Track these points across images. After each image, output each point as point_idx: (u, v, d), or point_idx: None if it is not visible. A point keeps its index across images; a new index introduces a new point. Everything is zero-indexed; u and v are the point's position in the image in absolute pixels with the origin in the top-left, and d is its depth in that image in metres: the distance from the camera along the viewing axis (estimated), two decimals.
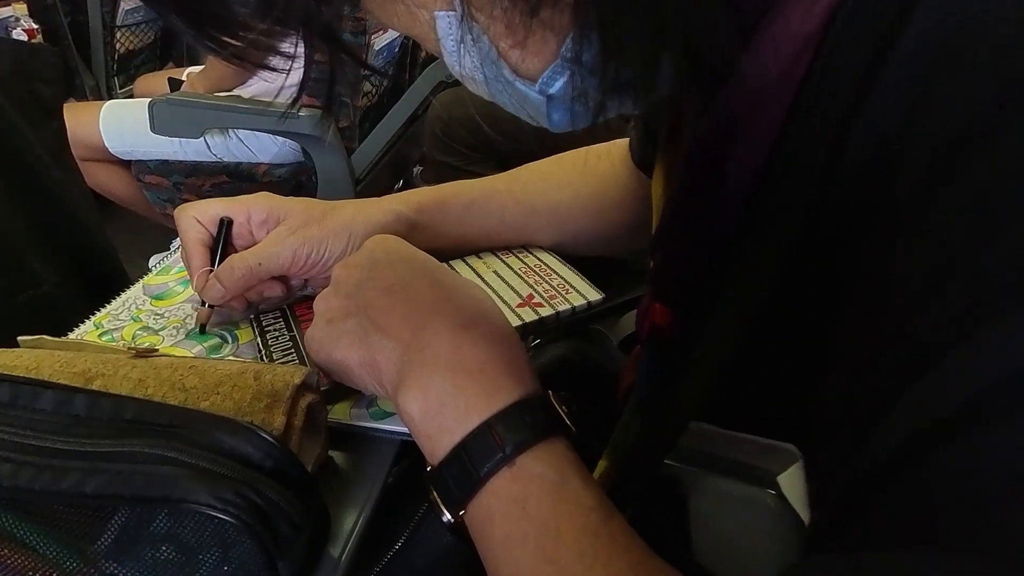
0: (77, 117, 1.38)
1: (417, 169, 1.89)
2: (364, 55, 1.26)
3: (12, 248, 0.54)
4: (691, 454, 0.31)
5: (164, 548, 0.28)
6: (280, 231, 0.45)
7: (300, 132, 1.28)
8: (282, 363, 0.42)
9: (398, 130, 1.41)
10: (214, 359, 0.43)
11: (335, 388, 0.40)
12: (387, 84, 1.51)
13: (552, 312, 0.45)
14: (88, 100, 1.71)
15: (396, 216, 0.48)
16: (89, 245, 0.61)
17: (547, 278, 0.48)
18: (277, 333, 0.45)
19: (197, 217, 0.47)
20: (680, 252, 0.32)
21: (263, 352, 0.43)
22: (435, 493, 0.31)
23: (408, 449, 0.39)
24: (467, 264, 0.51)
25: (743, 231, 0.27)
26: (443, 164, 1.35)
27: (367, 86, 1.37)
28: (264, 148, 1.37)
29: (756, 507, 0.28)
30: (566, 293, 0.46)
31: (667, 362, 0.33)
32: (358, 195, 1.37)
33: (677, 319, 0.32)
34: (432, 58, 1.64)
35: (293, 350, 0.43)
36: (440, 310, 0.34)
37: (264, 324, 0.46)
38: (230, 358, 0.44)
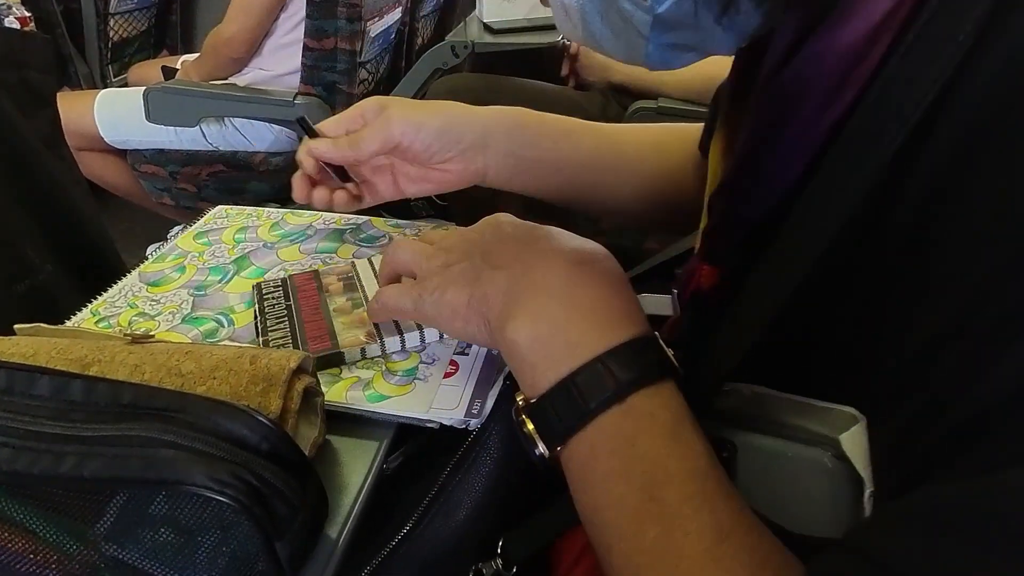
0: (72, 106, 1.37)
1: None
2: (360, 42, 1.25)
3: (7, 238, 0.53)
4: (742, 416, 0.31)
5: (163, 530, 0.29)
6: (384, 114, 0.50)
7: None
8: (274, 331, 0.44)
9: None
10: (209, 344, 0.44)
11: (327, 355, 0.42)
12: (384, 71, 1.50)
13: None
14: (82, 89, 1.69)
15: (498, 110, 0.51)
16: (85, 235, 0.61)
17: None
18: (275, 302, 0.47)
19: (322, 127, 0.52)
20: (740, 204, 0.31)
21: (258, 319, 0.45)
22: (531, 425, 0.31)
23: (406, 434, 0.40)
24: None
25: (807, 183, 0.27)
26: None
27: (363, 73, 1.36)
28: (260, 136, 1.36)
29: (811, 468, 0.28)
30: None
31: (709, 325, 0.33)
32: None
33: (723, 281, 0.32)
34: (429, 44, 1.63)
35: (286, 318, 0.45)
36: (555, 249, 0.34)
37: (264, 292, 0.48)
38: (226, 343, 0.44)
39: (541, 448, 0.30)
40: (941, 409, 0.22)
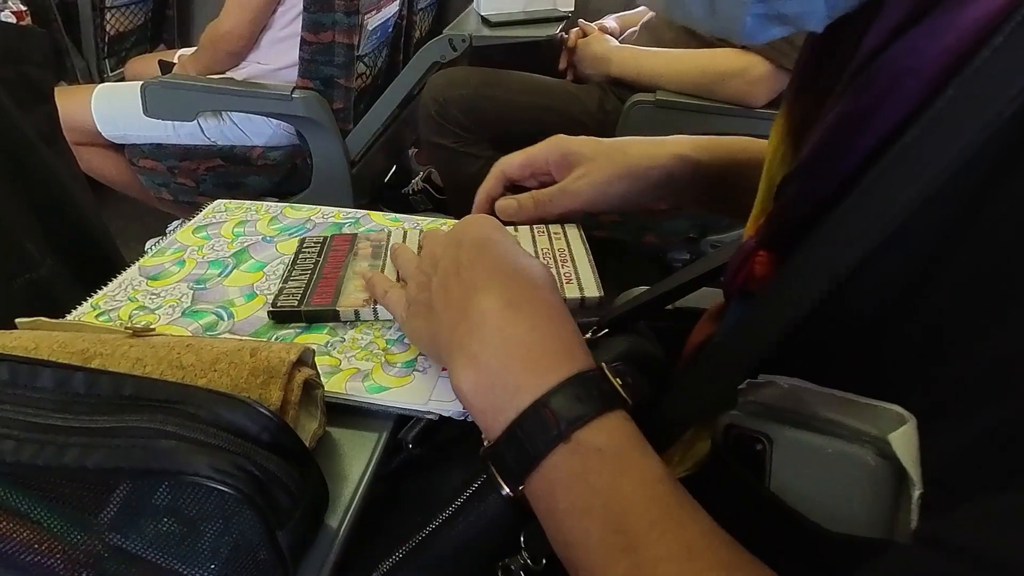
0: (69, 101, 1.36)
1: (412, 151, 1.88)
2: (358, 36, 1.24)
3: (7, 232, 0.54)
4: (777, 409, 0.30)
5: (166, 520, 0.29)
6: (572, 177, 0.51)
7: (294, 114, 1.27)
8: (293, 280, 0.48)
9: (393, 112, 1.40)
10: (210, 337, 0.44)
11: (322, 311, 0.45)
12: (381, 65, 1.50)
13: None
14: (79, 83, 1.69)
15: (680, 159, 0.50)
16: (84, 228, 0.61)
17: (559, 264, 0.48)
18: (308, 256, 0.51)
19: (504, 170, 0.53)
20: (818, 186, 0.30)
21: (287, 268, 0.50)
22: (493, 469, 0.31)
23: (405, 421, 0.40)
24: None
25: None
26: (437, 145, 1.35)
27: (361, 67, 1.35)
28: (258, 131, 1.36)
29: (853, 465, 0.27)
30: (566, 282, 0.46)
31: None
32: (353, 178, 1.36)
33: (777, 269, 0.31)
34: (426, 38, 1.62)
35: (309, 272, 0.49)
36: (489, 288, 0.34)
37: (303, 246, 0.53)
38: (226, 336, 0.45)
39: (505, 490, 0.31)
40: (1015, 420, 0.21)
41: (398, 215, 0.59)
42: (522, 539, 0.34)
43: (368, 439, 0.39)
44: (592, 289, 0.46)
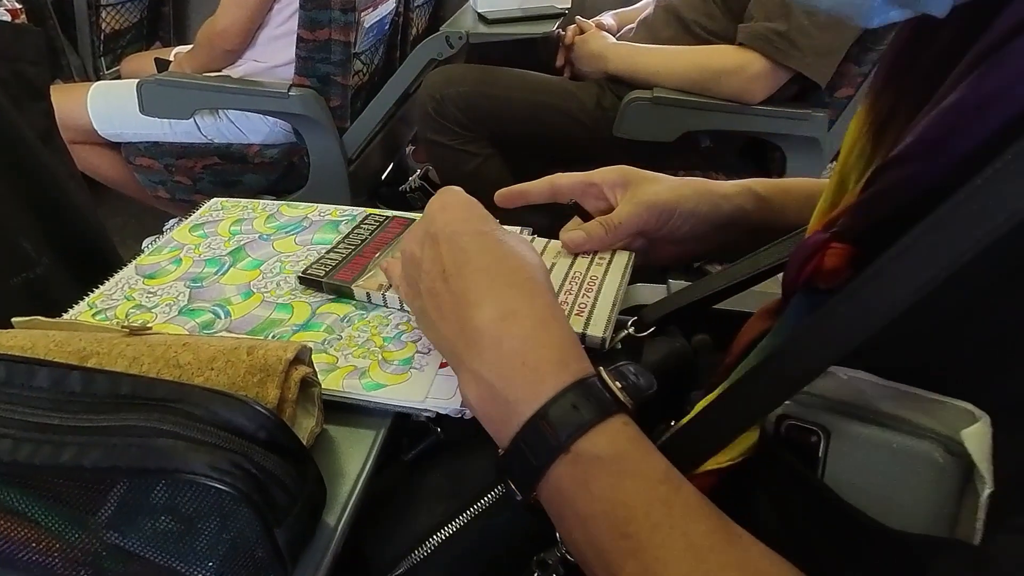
0: (64, 99, 1.36)
1: (409, 148, 1.88)
2: (354, 33, 1.24)
3: (3, 231, 0.53)
4: (836, 403, 0.29)
5: (164, 518, 0.29)
6: (640, 189, 0.50)
7: (291, 112, 1.27)
8: (334, 252, 0.50)
9: (390, 109, 1.40)
10: (206, 335, 0.44)
11: (339, 286, 0.47)
12: (378, 62, 1.49)
13: None
14: (75, 81, 1.68)
15: (744, 188, 0.50)
16: (81, 227, 0.61)
17: (583, 293, 0.46)
18: (361, 231, 0.54)
19: (554, 181, 0.52)
20: (921, 173, 0.28)
21: (338, 240, 0.52)
22: (507, 477, 0.32)
23: (403, 418, 0.40)
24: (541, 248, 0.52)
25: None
26: (435, 143, 1.34)
27: (358, 64, 1.35)
28: (255, 129, 1.36)
29: (919, 462, 0.26)
30: (576, 313, 0.44)
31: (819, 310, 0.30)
32: (351, 176, 1.36)
33: (851, 262, 0.30)
34: (423, 35, 1.62)
35: (353, 248, 0.51)
36: (481, 301, 0.33)
37: (361, 221, 0.55)
38: (223, 334, 0.45)
39: (519, 496, 0.31)
40: None
41: (396, 212, 0.59)
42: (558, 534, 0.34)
43: (366, 436, 0.39)
44: (599, 329, 0.42)
